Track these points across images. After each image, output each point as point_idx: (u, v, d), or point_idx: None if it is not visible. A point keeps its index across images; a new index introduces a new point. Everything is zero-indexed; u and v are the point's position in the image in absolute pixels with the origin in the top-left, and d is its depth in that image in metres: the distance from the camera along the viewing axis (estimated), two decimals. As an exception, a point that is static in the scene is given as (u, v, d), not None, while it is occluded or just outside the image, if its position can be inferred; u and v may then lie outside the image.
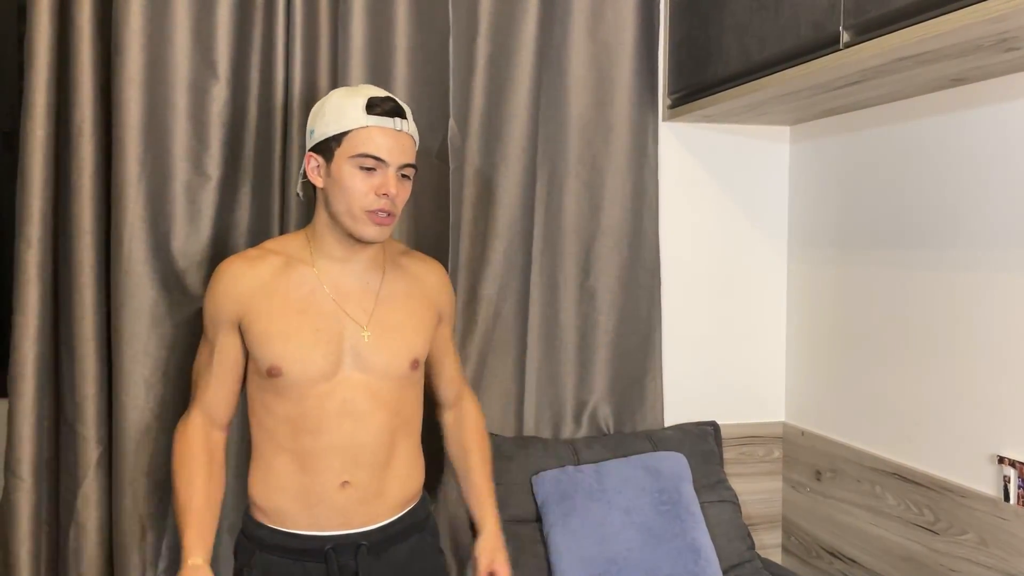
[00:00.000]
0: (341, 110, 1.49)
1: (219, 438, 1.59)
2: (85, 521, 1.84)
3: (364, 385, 1.52)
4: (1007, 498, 1.67)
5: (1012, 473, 1.66)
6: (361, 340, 1.52)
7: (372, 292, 1.57)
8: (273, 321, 1.50)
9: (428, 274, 1.68)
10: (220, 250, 1.92)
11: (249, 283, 1.52)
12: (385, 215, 1.48)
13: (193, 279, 1.88)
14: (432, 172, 2.03)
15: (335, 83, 1.96)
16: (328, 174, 1.50)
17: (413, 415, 1.62)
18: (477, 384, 2.10)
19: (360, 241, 1.52)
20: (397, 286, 1.60)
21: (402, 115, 1.50)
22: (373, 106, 1.48)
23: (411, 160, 1.52)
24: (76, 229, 1.82)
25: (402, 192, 1.51)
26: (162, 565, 1.86)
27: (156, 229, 1.85)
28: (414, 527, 1.62)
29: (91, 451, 1.84)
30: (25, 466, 1.80)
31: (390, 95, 1.52)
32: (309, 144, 1.54)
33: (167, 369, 1.86)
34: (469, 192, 2.09)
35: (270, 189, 1.94)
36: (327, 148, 1.50)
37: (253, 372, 1.54)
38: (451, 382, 1.77)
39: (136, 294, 1.82)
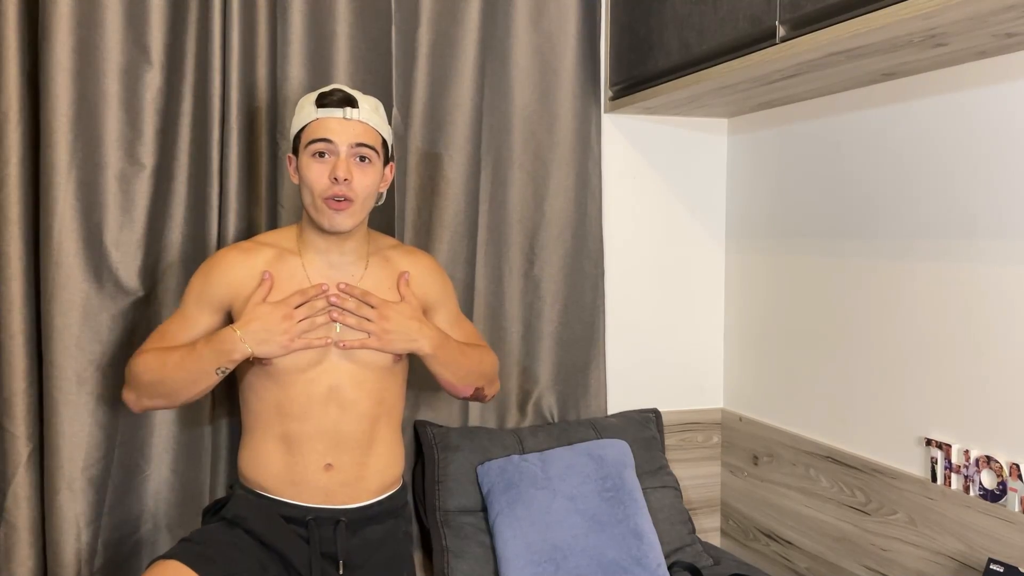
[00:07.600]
0: (301, 109, 1.60)
1: None
2: (16, 520, 1.78)
3: (349, 374, 1.60)
4: (934, 479, 1.74)
5: (939, 455, 1.72)
6: (346, 331, 1.59)
7: (354, 284, 1.62)
8: None
9: (412, 266, 1.71)
10: (155, 241, 1.87)
11: (243, 272, 1.60)
12: (341, 200, 1.53)
13: (128, 270, 1.83)
14: (374, 162, 2.02)
15: (274, 70, 1.93)
16: (297, 171, 1.60)
17: (395, 404, 1.69)
18: (422, 374, 2.09)
19: (328, 232, 1.57)
20: (380, 279, 1.65)
21: (352, 104, 1.56)
22: (322, 98, 1.56)
23: (364, 140, 1.56)
24: (2, 220, 1.75)
25: (360, 177, 1.56)
26: (99, 563, 1.81)
27: (88, 219, 1.80)
28: (391, 512, 1.69)
29: (20, 449, 1.78)
30: (-50, 465, 1.74)
31: (341, 87, 1.58)
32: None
33: (100, 363, 1.81)
34: (413, 182, 2.08)
35: (207, 178, 1.90)
36: (295, 147, 1.61)
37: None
38: None
39: (67, 286, 1.77)
